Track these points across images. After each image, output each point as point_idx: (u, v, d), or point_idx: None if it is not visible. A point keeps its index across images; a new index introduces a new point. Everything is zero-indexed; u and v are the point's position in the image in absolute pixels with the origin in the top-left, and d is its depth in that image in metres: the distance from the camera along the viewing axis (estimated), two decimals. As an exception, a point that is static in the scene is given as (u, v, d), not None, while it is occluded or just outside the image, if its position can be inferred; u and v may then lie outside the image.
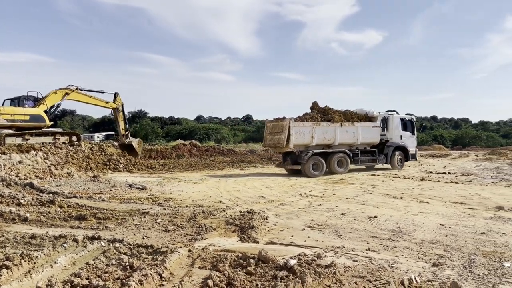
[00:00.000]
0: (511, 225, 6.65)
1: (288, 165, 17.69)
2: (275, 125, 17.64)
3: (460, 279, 3.94)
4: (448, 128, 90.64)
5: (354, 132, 18.35)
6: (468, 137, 75.09)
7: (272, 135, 17.70)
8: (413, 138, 20.96)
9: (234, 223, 6.59)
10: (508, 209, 8.18)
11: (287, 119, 16.86)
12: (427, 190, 11.46)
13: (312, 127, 17.19)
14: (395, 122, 19.99)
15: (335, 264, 4.13)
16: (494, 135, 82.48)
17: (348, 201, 9.29)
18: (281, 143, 16.78)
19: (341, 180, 14.70)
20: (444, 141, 68.91)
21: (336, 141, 17.82)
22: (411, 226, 6.47)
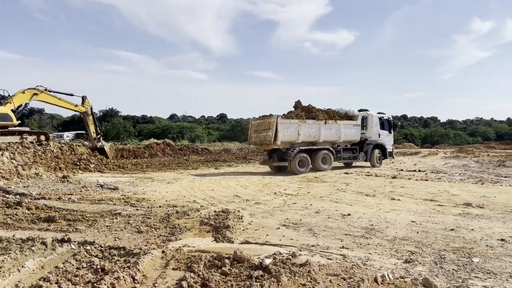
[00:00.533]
0: (479, 221, 6.87)
1: (275, 162, 17.92)
2: (261, 122, 17.85)
3: (431, 275, 4.03)
4: (418, 127, 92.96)
5: (337, 130, 18.95)
6: (437, 136, 77.27)
7: (258, 132, 17.90)
8: (390, 137, 21.89)
9: (208, 223, 6.53)
10: (476, 206, 8.44)
11: (275, 116, 17.08)
12: (399, 188, 11.71)
13: (298, 125, 17.54)
14: (374, 121, 20.74)
15: (310, 262, 4.15)
16: (461, 133, 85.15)
17: (322, 199, 9.37)
18: (269, 140, 17.03)
19: (315, 178, 14.84)
20: (414, 140, 70.66)
21: (321, 138, 18.37)
22: (384, 223, 6.58)
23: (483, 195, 10.11)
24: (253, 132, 18.44)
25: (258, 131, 17.99)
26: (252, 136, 18.43)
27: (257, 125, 18.22)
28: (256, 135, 18.12)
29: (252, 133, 18.47)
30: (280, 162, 17.72)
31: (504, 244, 5.27)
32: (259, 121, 18.16)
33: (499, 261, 4.49)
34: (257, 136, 18.04)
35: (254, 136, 18.31)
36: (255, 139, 18.24)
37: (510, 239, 5.52)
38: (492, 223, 6.69)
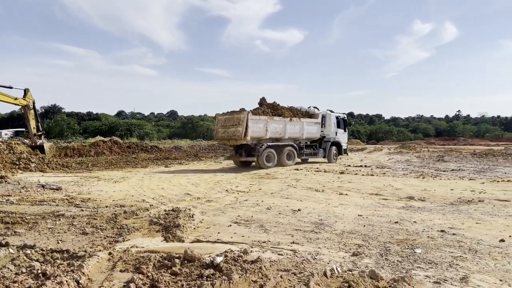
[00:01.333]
0: (421, 213, 7.23)
1: (243, 157, 18.25)
2: (230, 118, 18.04)
3: (377, 266, 4.17)
4: (364, 124, 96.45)
5: (300, 127, 19.73)
6: (382, 132, 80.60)
7: (226, 128, 18.06)
8: (345, 135, 23.26)
9: (158, 222, 6.37)
10: (418, 199, 8.88)
11: (245, 112, 17.35)
12: (346, 183, 12.07)
13: (266, 121, 18.02)
14: (331, 119, 21.81)
15: (261, 259, 4.16)
16: (404, 130, 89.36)
17: (273, 196, 9.46)
18: (238, 135, 17.26)
19: (266, 175, 14.96)
20: (360, 136, 73.27)
21: (286, 135, 18.99)
22: (332, 218, 6.75)
23: (424, 188, 10.66)
24: (220, 127, 18.54)
25: (226, 127, 18.13)
26: (219, 131, 18.55)
27: (224, 121, 18.36)
28: (223, 130, 18.26)
29: (219, 129, 18.58)
30: (248, 157, 18.10)
31: (443, 235, 5.56)
32: (227, 116, 18.31)
33: (440, 251, 4.73)
34: (224, 132, 18.18)
35: (221, 132, 18.42)
36: (222, 134, 18.37)
37: (449, 230, 5.85)
38: (432, 215, 7.06)
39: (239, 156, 18.63)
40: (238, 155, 18.70)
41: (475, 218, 6.74)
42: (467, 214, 7.10)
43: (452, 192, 9.90)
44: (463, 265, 4.20)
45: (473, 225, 6.21)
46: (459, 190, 10.31)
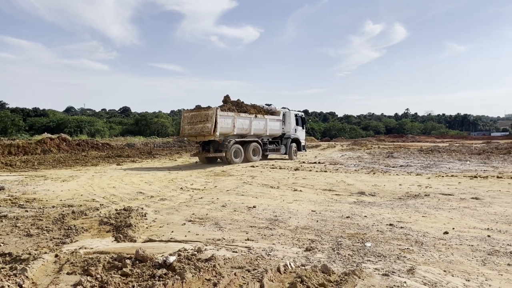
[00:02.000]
0: (371, 208, 7.46)
1: (211, 153, 18.61)
2: (197, 114, 18.43)
3: (329, 261, 4.26)
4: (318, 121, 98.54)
5: (264, 124, 20.53)
6: (335, 129, 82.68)
7: (193, 124, 18.38)
8: (303, 132, 24.24)
9: (109, 222, 6.16)
10: (368, 194, 9.17)
11: (214, 108, 17.73)
12: (300, 179, 12.26)
13: (234, 117, 18.56)
14: (291, 117, 22.77)
15: (215, 257, 4.12)
16: (356, 127, 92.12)
17: (228, 193, 9.43)
18: (207, 131, 17.65)
19: (222, 172, 14.89)
20: (315, 133, 74.81)
21: (251, 131, 19.65)
22: (287, 214, 6.82)
23: (375, 184, 11.04)
24: (186, 124, 18.76)
25: (193, 123, 18.41)
26: (186, 128, 18.77)
27: (191, 117, 18.64)
28: (190, 126, 18.52)
29: (185, 125, 18.78)
30: (216, 153, 18.49)
31: (392, 228, 5.77)
32: (194, 113, 18.64)
33: (388, 245, 4.90)
34: (191, 128, 18.45)
35: (188, 128, 18.65)
36: (189, 130, 18.60)
37: (398, 223, 6.08)
38: (382, 209, 7.32)
39: (206, 152, 18.93)
40: (205, 151, 19.01)
41: (421, 211, 7.05)
42: (414, 208, 7.42)
43: (400, 187, 10.32)
44: (410, 257, 4.38)
45: (419, 218, 6.49)
46: (407, 185, 10.76)
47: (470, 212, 6.96)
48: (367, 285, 3.48)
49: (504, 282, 3.65)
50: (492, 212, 6.94)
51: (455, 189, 9.90)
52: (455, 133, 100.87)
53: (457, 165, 17.26)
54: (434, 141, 54.09)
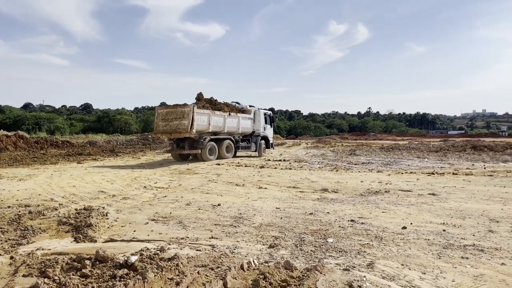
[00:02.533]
0: (334, 204, 7.62)
1: (186, 150, 18.87)
2: (172, 111, 18.45)
3: (292, 257, 4.32)
4: (284, 119, 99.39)
5: (237, 122, 21.07)
6: (300, 128, 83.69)
7: (168, 121, 18.38)
8: (271, 130, 25.12)
9: (68, 222, 5.97)
10: (331, 191, 9.35)
11: (191, 106, 17.94)
12: (266, 177, 12.34)
13: (209, 115, 18.88)
14: (261, 115, 23.34)
15: (179, 255, 4.09)
16: (320, 125, 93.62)
17: (193, 191, 9.36)
18: (183, 128, 17.76)
19: (187, 170, 14.75)
20: (281, 131, 75.41)
21: (225, 129, 20.08)
22: (251, 211, 6.85)
23: (337, 181, 11.27)
24: (160, 121, 18.68)
25: (168, 120, 18.40)
26: (160, 124, 18.70)
27: (165, 114, 18.62)
28: (165, 123, 18.49)
29: (160, 122, 18.71)
30: (191, 150, 18.75)
31: (353, 224, 5.92)
32: (169, 110, 18.66)
33: (349, 240, 5.02)
34: (166, 125, 18.44)
35: (162, 125, 18.60)
36: (164, 127, 18.56)
37: (359, 219, 6.24)
38: (344, 205, 7.49)
39: (181, 149, 19.09)
40: (180, 149, 19.16)
41: (381, 207, 7.27)
42: (375, 204, 7.64)
43: (362, 184, 10.58)
44: (370, 252, 4.50)
45: (379, 214, 6.69)
46: (368, 182, 11.05)
47: (427, 208, 7.24)
48: (328, 280, 3.55)
49: (458, 274, 3.82)
50: (447, 207, 7.24)
51: (413, 185, 10.27)
52: (414, 131, 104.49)
53: (416, 162, 17.89)
54: (395, 139, 55.80)
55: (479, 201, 7.91)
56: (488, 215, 6.54)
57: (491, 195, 8.66)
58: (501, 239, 5.07)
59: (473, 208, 7.14)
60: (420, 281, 3.63)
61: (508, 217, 6.42)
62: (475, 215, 6.59)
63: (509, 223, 5.96)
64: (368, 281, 3.56)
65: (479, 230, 5.55)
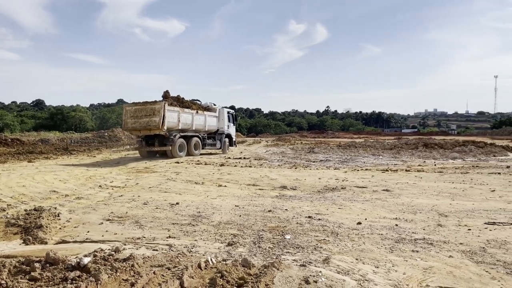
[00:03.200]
0: (292, 201, 7.72)
1: (156, 147, 19.15)
2: (142, 108, 18.64)
3: (250, 254, 4.33)
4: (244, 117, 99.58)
5: (204, 120, 21.55)
6: (261, 126, 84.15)
7: (138, 118, 18.58)
8: (234, 128, 25.82)
9: (17, 223, 5.69)
10: (290, 188, 9.47)
11: (162, 103, 18.17)
12: (226, 175, 12.31)
13: (179, 112, 19.25)
14: (225, 114, 24.03)
15: (134, 256, 4.00)
16: (280, 123, 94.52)
17: (151, 190, 9.18)
18: (154, 125, 18.01)
19: (145, 169, 14.46)
20: (241, 129, 75.50)
21: (193, 126, 20.53)
22: (210, 210, 6.81)
23: (296, 178, 11.43)
24: (129, 118, 18.85)
25: (137, 117, 18.60)
26: (129, 122, 18.88)
27: (134, 111, 18.78)
28: (134, 120, 18.68)
29: (128, 119, 18.88)
30: (161, 147, 19.07)
31: (310, 220, 6.02)
32: (139, 107, 18.80)
33: (306, 236, 5.11)
34: (136, 122, 18.64)
35: (131, 122, 18.79)
36: (133, 124, 18.75)
37: (316, 215, 6.36)
38: (302, 202, 7.60)
39: (149, 146, 19.33)
40: (149, 146, 19.36)
41: (338, 204, 7.45)
42: (331, 200, 7.81)
43: (319, 181, 10.79)
44: (326, 248, 4.60)
45: (336, 210, 6.85)
46: (325, 179, 11.28)
47: (381, 203, 7.49)
48: (285, 276, 3.59)
49: (408, 267, 3.98)
50: (400, 203, 7.53)
51: (368, 182, 10.59)
52: (370, 129, 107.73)
53: (371, 160, 18.47)
54: (352, 137, 57.28)
55: (430, 197, 8.28)
56: (437, 210, 6.85)
57: (441, 190, 9.08)
58: (449, 233, 5.33)
59: (424, 203, 7.46)
60: (373, 274, 3.75)
61: (456, 211, 6.76)
62: (425, 210, 6.89)
63: (457, 217, 6.27)
64: (323, 276, 3.63)
65: (429, 224, 5.81)
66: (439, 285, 3.51)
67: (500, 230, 5.48)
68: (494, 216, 6.37)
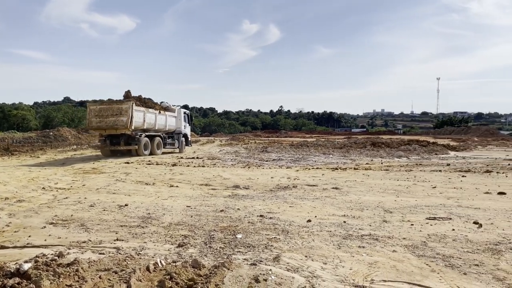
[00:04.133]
0: (244, 201, 7.74)
1: (122, 146, 19.47)
2: (108, 108, 18.95)
3: (201, 255, 4.30)
4: (198, 117, 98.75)
5: (165, 119, 22.25)
6: (215, 125, 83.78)
7: (104, 117, 18.85)
8: (189, 128, 26.67)
9: (-52, 230, 5.30)
10: (243, 187, 9.50)
11: (130, 103, 18.64)
12: (178, 175, 12.14)
13: (144, 112, 19.84)
14: (181, 114, 24.76)
15: (79, 260, 3.84)
16: (235, 123, 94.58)
17: (98, 192, 8.87)
18: (122, 125, 18.45)
19: (92, 169, 13.94)
20: (195, 129, 74.78)
21: (156, 126, 21.16)
22: (161, 211, 6.69)
23: (249, 177, 11.48)
24: (94, 117, 19.12)
25: (103, 116, 18.86)
26: (93, 121, 19.17)
27: (99, 110, 19.03)
28: (99, 119, 18.95)
29: (93, 118, 19.15)
30: (127, 146, 19.50)
31: (262, 219, 6.07)
32: (104, 106, 19.18)
33: (258, 235, 5.14)
34: (101, 121, 18.93)
35: (96, 121, 19.08)
36: (98, 123, 19.06)
37: (267, 214, 6.42)
38: (254, 201, 7.65)
39: (114, 145, 19.60)
40: (112, 145, 19.62)
41: (289, 202, 7.56)
42: (283, 199, 7.92)
43: (272, 180, 10.91)
44: (276, 246, 4.66)
45: (287, 208, 6.95)
46: (278, 177, 11.42)
47: (331, 201, 7.70)
48: (235, 275, 3.60)
49: (355, 262, 4.12)
50: (348, 200, 7.77)
51: (319, 180, 10.84)
52: (322, 129, 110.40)
53: (322, 158, 18.93)
54: (304, 136, 58.41)
55: (376, 194, 8.61)
56: (383, 206, 7.14)
57: (386, 188, 9.47)
58: (393, 228, 5.57)
59: (371, 200, 7.75)
60: (322, 271, 3.84)
61: (400, 207, 7.08)
62: (372, 206, 7.16)
63: (401, 213, 6.57)
64: (273, 274, 3.67)
65: (375, 221, 6.04)
66: (383, 279, 3.66)
67: (440, 224, 5.80)
68: (435, 211, 6.73)
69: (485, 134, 57.18)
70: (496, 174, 12.20)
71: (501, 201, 7.79)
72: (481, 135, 55.43)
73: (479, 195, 8.41)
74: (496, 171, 13.04)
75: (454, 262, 4.12)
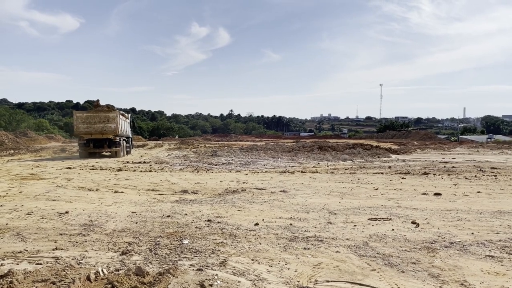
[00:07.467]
0: (192, 205, 7.66)
1: (106, 149, 22.21)
2: (95, 115, 22.13)
3: (146, 262, 4.20)
4: (146, 120, 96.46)
5: (126, 125, 25.22)
6: (164, 129, 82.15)
7: (92, 124, 21.78)
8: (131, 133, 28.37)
9: None
10: (191, 192, 9.40)
11: (116, 112, 22.56)
12: (123, 180, 11.79)
13: (123, 119, 23.74)
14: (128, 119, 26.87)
15: (13, 271, 3.63)
16: (184, 126, 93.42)
17: (37, 199, 8.41)
18: (110, 131, 21.89)
19: (31, 175, 13.19)
20: (143, 132, 72.92)
21: (124, 131, 24.20)
22: (104, 218, 6.46)
23: (198, 182, 11.38)
24: (81, 123, 21.93)
25: (90, 123, 21.79)
26: (81, 127, 21.89)
27: (86, 118, 22.10)
28: (87, 126, 21.81)
29: (80, 124, 21.91)
30: (111, 148, 22.29)
31: (210, 224, 6.04)
32: (91, 114, 22.53)
33: (205, 240, 5.11)
34: (89, 127, 21.77)
35: (84, 127, 21.84)
36: (86, 129, 21.83)
37: (215, 219, 6.39)
38: (202, 206, 7.59)
39: (98, 148, 22.10)
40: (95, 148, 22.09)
41: (237, 206, 7.58)
42: (231, 203, 7.92)
43: (221, 184, 10.89)
44: (223, 250, 4.65)
45: (235, 212, 6.96)
46: (227, 181, 11.42)
47: (278, 204, 7.81)
48: (180, 282, 3.55)
49: (300, 264, 4.20)
50: (295, 203, 7.92)
51: (267, 183, 10.96)
52: (272, 133, 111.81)
53: (270, 162, 19.15)
54: (254, 140, 58.81)
55: (322, 196, 8.85)
56: (328, 208, 7.35)
57: (332, 190, 9.76)
58: (337, 229, 5.75)
59: (316, 203, 7.95)
60: (267, 273, 3.88)
61: (344, 209, 7.32)
62: (317, 208, 7.34)
63: (345, 215, 6.79)
64: (219, 279, 3.66)
65: (320, 222, 6.20)
66: (326, 279, 3.76)
67: (380, 225, 6.06)
68: (376, 212, 7.03)
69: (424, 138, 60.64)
70: (433, 176, 12.95)
71: (437, 201, 8.28)
72: (420, 139, 58.71)
73: (417, 196, 8.89)
74: (433, 173, 13.84)
75: (393, 260, 4.32)
